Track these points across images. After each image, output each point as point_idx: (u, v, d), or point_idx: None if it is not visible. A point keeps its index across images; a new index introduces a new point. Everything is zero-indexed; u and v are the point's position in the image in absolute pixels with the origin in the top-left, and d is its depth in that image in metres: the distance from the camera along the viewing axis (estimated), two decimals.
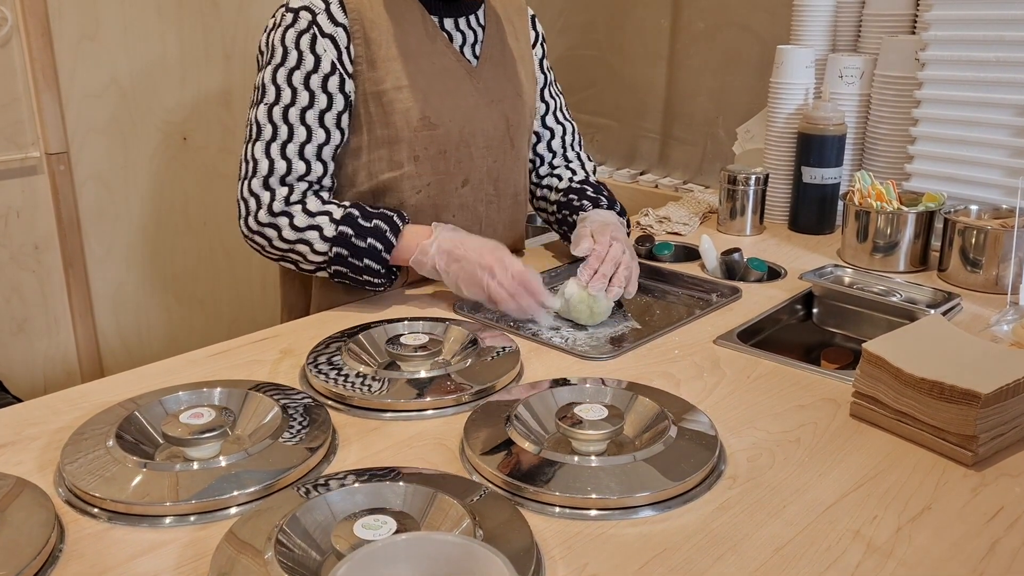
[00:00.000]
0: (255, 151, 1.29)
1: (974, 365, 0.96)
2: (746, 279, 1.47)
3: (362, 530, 0.74)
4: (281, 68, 1.28)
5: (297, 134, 1.28)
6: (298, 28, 1.28)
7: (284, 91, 1.28)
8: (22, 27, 1.83)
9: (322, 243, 1.26)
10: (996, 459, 0.93)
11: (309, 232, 1.26)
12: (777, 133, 1.78)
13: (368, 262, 1.26)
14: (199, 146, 2.16)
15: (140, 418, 0.95)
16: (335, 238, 1.26)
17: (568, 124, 1.60)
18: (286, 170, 1.28)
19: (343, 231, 1.26)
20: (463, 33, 1.39)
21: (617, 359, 1.17)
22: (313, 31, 1.27)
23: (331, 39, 1.28)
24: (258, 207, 1.28)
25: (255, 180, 1.28)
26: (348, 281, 1.29)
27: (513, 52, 1.46)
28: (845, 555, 0.77)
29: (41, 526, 0.77)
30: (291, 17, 1.28)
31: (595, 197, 1.48)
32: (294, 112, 1.28)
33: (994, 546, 0.79)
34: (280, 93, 1.28)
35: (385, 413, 1.01)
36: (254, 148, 1.29)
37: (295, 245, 1.27)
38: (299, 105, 1.28)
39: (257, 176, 1.28)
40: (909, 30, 1.70)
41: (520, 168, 1.50)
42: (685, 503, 0.84)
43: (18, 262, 1.94)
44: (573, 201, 1.49)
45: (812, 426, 1.00)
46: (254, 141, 1.29)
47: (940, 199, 1.51)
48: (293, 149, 1.28)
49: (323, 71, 1.28)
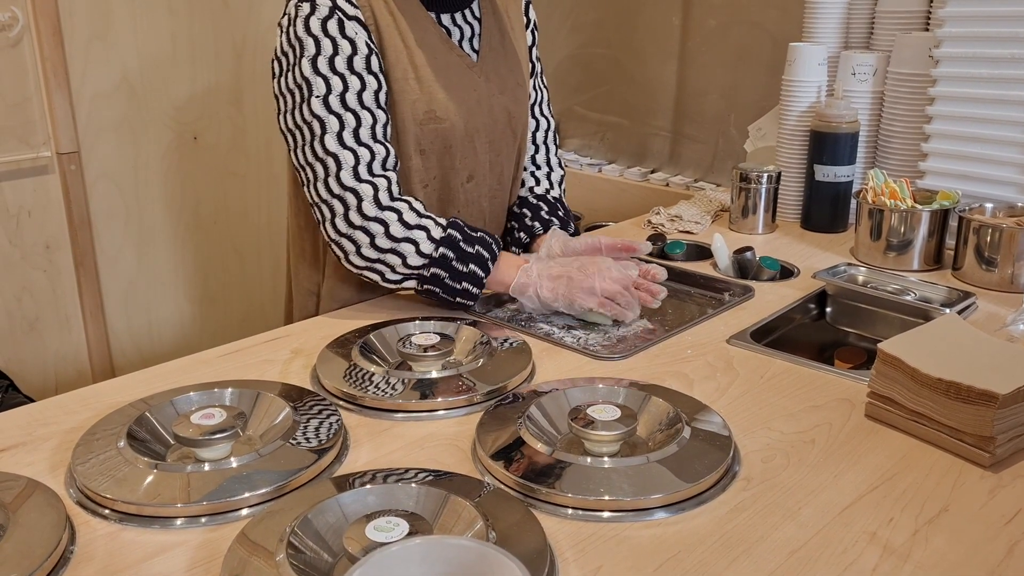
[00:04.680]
0: (329, 146, 1.22)
1: (991, 365, 0.95)
2: (759, 278, 1.46)
3: (374, 532, 0.74)
4: (320, 57, 1.22)
5: (364, 119, 1.23)
6: (320, 15, 1.22)
7: (333, 79, 1.22)
8: (33, 27, 1.84)
9: (429, 244, 1.24)
10: (1013, 460, 0.92)
11: (416, 231, 1.23)
12: (789, 131, 1.77)
13: (473, 268, 1.25)
14: (210, 145, 2.17)
15: (151, 419, 0.95)
16: (443, 239, 1.24)
17: (551, 120, 1.59)
18: (371, 157, 1.23)
19: (451, 234, 1.25)
20: (460, 28, 1.37)
21: (630, 359, 1.16)
22: (338, 15, 1.22)
23: (356, 21, 1.24)
24: (359, 200, 1.22)
25: (344, 173, 1.22)
26: (440, 289, 1.26)
27: (512, 42, 1.46)
28: (861, 558, 0.76)
29: (52, 528, 0.77)
30: (308, 6, 1.23)
31: (548, 220, 1.48)
32: (352, 98, 1.22)
33: (1012, 548, 0.78)
34: (330, 82, 1.22)
35: (397, 413, 1.01)
36: (326, 143, 1.22)
37: (400, 244, 1.23)
38: (353, 90, 1.23)
39: (345, 169, 1.22)
40: (923, 27, 1.69)
41: (520, 159, 1.50)
42: (699, 505, 0.84)
43: (29, 261, 1.94)
44: (525, 218, 1.48)
45: (827, 427, 0.99)
46: (321, 137, 1.22)
47: (954, 197, 1.50)
48: (367, 134, 1.23)
49: (362, 53, 1.23)
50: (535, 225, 1.47)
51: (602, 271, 1.25)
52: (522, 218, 1.49)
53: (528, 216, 1.48)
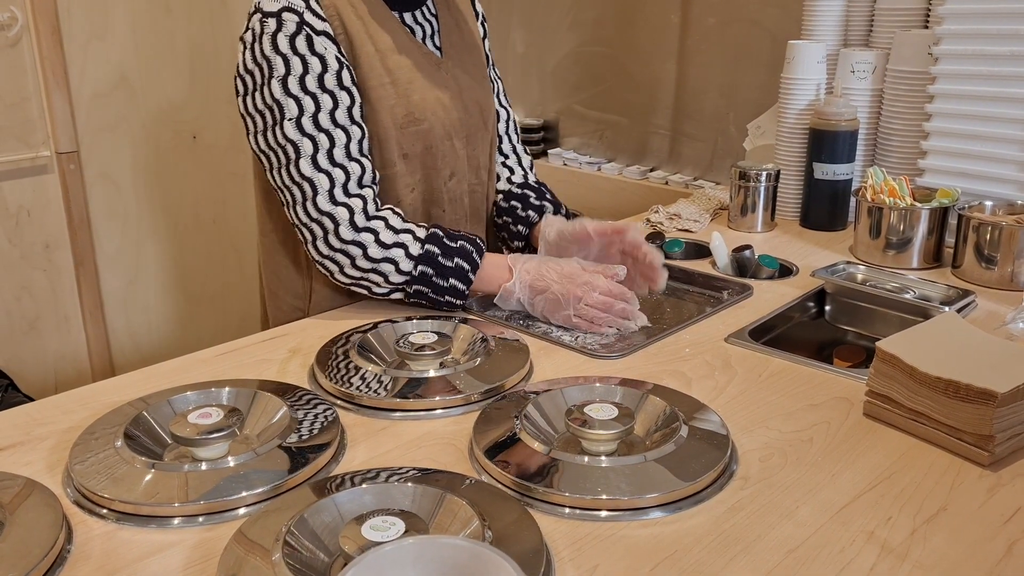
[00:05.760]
0: (303, 170, 1.21)
1: (990, 363, 0.95)
2: (757, 276, 1.46)
3: (370, 531, 0.73)
4: (290, 77, 1.20)
5: (338, 138, 1.22)
6: (287, 32, 1.19)
7: (304, 100, 1.20)
8: (32, 27, 1.84)
9: (408, 261, 1.24)
10: (1012, 459, 0.92)
11: (395, 250, 1.23)
12: (788, 129, 1.77)
13: (453, 282, 1.25)
14: (209, 144, 2.17)
15: (148, 418, 0.94)
16: (420, 256, 1.24)
17: (509, 109, 1.59)
18: (345, 177, 1.22)
19: (429, 249, 1.24)
20: (421, 26, 1.37)
21: (627, 358, 1.16)
22: (305, 31, 1.20)
23: (325, 35, 1.22)
24: (336, 225, 1.22)
25: (320, 198, 1.21)
26: (426, 301, 1.27)
27: (470, 35, 1.46)
28: (859, 557, 0.76)
29: (49, 527, 0.77)
30: (274, 23, 1.19)
31: (539, 205, 1.48)
32: (324, 118, 1.21)
33: (1011, 548, 0.78)
34: (301, 103, 1.20)
35: (394, 413, 1.01)
36: (300, 167, 1.21)
37: (379, 264, 1.23)
38: (326, 109, 1.21)
39: (321, 193, 1.21)
40: (922, 24, 1.69)
41: (493, 151, 1.50)
42: (696, 504, 0.84)
43: (29, 261, 1.94)
44: (517, 210, 1.48)
45: (825, 425, 0.99)
46: (296, 161, 1.21)
47: (954, 195, 1.50)
48: (341, 153, 1.22)
49: (332, 68, 1.22)
50: (530, 214, 1.47)
51: (586, 292, 1.23)
52: (514, 211, 1.48)
53: (519, 208, 1.48)
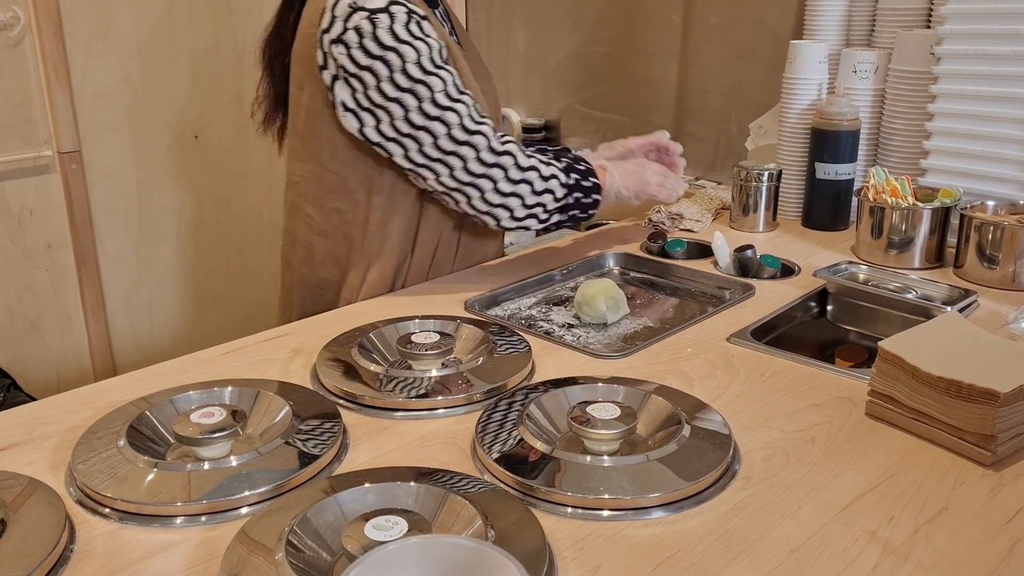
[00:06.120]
0: (457, 136, 1.27)
1: (992, 363, 0.95)
2: (759, 276, 1.46)
3: (373, 531, 0.74)
4: (422, 58, 1.24)
5: (469, 102, 1.28)
6: (400, 21, 1.23)
7: (432, 79, 1.25)
8: (34, 26, 1.84)
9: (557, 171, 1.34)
10: (1015, 459, 0.92)
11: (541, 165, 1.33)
12: (790, 129, 1.76)
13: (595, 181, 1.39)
14: (211, 144, 2.17)
15: (151, 417, 0.95)
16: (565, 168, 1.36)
17: None
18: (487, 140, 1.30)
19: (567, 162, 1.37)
20: (443, 23, 1.39)
21: (629, 357, 1.16)
22: (415, 17, 1.25)
23: (427, 20, 1.27)
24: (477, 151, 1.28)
25: (457, 130, 1.27)
26: (579, 210, 1.38)
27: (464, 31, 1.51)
28: (861, 557, 0.76)
29: (52, 526, 0.77)
30: (386, 17, 1.23)
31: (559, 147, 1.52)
32: (453, 90, 1.27)
33: (1014, 547, 0.78)
34: (430, 83, 1.25)
35: (396, 412, 1.01)
36: (454, 134, 1.27)
37: (527, 173, 1.31)
38: (452, 83, 1.27)
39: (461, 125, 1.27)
40: (924, 24, 1.68)
41: None
42: (699, 503, 0.84)
43: (31, 260, 1.94)
44: None
45: (827, 425, 0.99)
46: (447, 133, 1.26)
47: (956, 195, 1.49)
48: (476, 116, 1.29)
49: (440, 44, 1.27)
50: None
51: (651, 166, 1.52)
52: None
53: None
